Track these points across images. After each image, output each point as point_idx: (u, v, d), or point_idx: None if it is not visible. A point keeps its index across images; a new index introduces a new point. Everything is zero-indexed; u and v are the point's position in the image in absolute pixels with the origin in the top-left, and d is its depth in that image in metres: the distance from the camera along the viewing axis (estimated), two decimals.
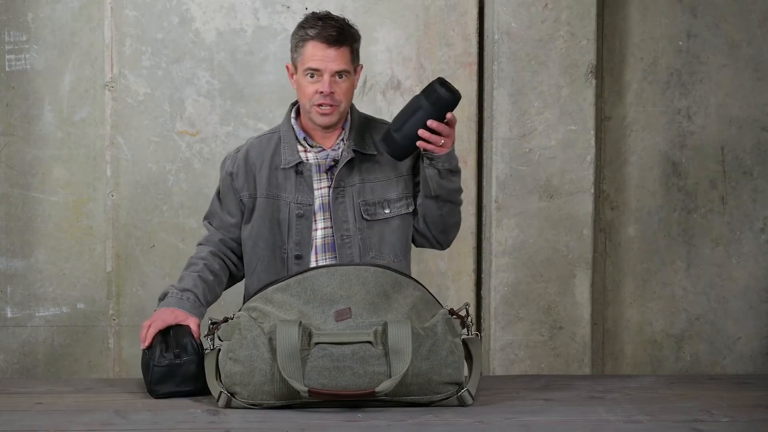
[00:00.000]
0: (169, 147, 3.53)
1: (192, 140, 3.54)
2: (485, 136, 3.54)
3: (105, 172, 3.52)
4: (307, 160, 2.68)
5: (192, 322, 2.50)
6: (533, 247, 3.49)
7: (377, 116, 2.87)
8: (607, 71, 3.61)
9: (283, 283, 2.36)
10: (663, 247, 3.65)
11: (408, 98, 3.55)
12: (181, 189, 3.54)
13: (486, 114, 3.54)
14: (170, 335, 2.47)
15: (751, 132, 3.64)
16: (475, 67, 3.57)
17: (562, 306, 3.49)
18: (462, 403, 2.34)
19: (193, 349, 2.42)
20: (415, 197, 2.74)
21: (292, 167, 2.68)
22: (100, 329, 3.54)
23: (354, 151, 2.68)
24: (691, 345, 3.68)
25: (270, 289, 2.37)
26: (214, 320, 2.38)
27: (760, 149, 3.65)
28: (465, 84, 3.56)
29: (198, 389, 2.41)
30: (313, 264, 2.67)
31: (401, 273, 2.40)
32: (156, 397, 2.39)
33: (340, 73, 2.62)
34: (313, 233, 2.68)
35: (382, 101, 3.57)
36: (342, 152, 2.68)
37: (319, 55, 2.61)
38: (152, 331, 2.46)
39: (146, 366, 2.42)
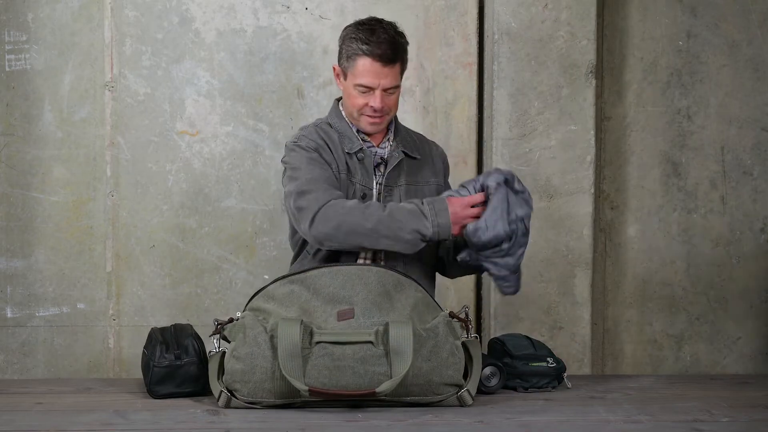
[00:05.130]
0: (169, 147, 3.53)
1: (192, 140, 3.54)
2: (485, 136, 3.54)
3: (105, 172, 3.52)
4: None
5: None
6: (533, 247, 3.48)
7: None
8: (607, 71, 3.61)
9: (286, 279, 2.37)
10: (663, 247, 3.65)
11: (408, 98, 3.56)
12: (181, 189, 3.54)
13: (486, 114, 3.54)
14: (171, 335, 2.47)
15: (751, 132, 3.64)
16: (475, 67, 3.57)
17: (562, 306, 3.49)
18: (462, 403, 2.34)
19: (194, 351, 2.42)
20: None
21: (355, 153, 2.72)
22: (100, 329, 3.54)
23: (402, 152, 2.74)
24: (691, 345, 3.68)
25: (272, 285, 2.38)
26: (219, 321, 2.39)
27: (760, 149, 3.65)
28: (465, 84, 3.56)
29: (198, 390, 2.41)
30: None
31: (403, 274, 2.40)
32: (156, 398, 2.39)
33: (390, 89, 2.67)
34: None
35: None
36: (390, 152, 2.74)
37: (372, 72, 2.63)
38: None
39: (146, 366, 2.42)
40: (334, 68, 2.74)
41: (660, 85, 3.62)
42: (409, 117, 3.51)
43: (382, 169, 2.74)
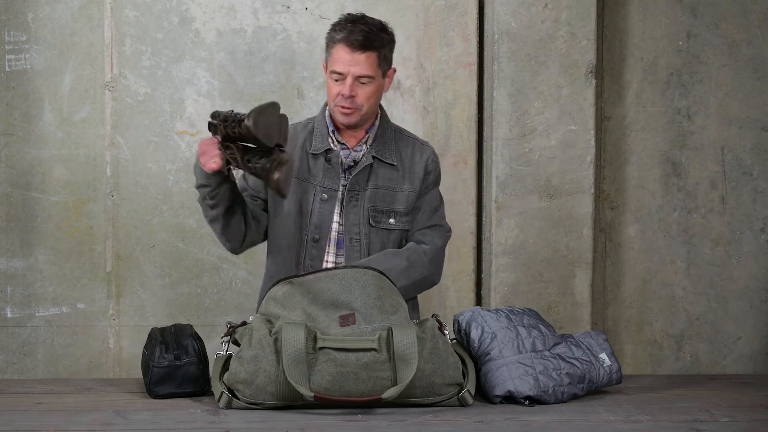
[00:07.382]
0: (169, 147, 3.53)
1: (192, 140, 3.53)
2: (485, 136, 3.54)
3: (105, 172, 3.52)
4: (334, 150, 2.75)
5: (218, 158, 2.50)
6: (533, 247, 3.49)
7: None
8: (607, 71, 3.61)
9: (285, 281, 2.38)
10: (663, 247, 3.65)
11: (408, 98, 3.56)
12: (181, 189, 3.54)
13: (486, 114, 3.54)
14: (171, 336, 2.47)
15: (751, 132, 3.64)
16: (475, 67, 3.57)
17: (562, 306, 3.49)
18: (462, 404, 2.34)
19: (194, 351, 2.42)
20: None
21: (321, 153, 2.74)
22: (100, 329, 3.54)
23: (374, 157, 2.74)
24: (691, 345, 3.68)
25: (272, 289, 2.39)
26: (232, 324, 2.39)
27: (760, 149, 3.65)
28: (465, 84, 3.56)
29: (198, 390, 2.40)
30: (326, 252, 2.73)
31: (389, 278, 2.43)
32: (155, 398, 2.39)
33: (362, 78, 2.65)
34: (332, 224, 2.73)
35: (383, 101, 3.57)
36: (363, 155, 2.74)
37: (344, 59, 2.64)
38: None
39: (146, 366, 2.42)
40: (323, 65, 2.75)
41: (660, 85, 3.62)
42: (409, 117, 3.51)
43: (352, 173, 2.75)
